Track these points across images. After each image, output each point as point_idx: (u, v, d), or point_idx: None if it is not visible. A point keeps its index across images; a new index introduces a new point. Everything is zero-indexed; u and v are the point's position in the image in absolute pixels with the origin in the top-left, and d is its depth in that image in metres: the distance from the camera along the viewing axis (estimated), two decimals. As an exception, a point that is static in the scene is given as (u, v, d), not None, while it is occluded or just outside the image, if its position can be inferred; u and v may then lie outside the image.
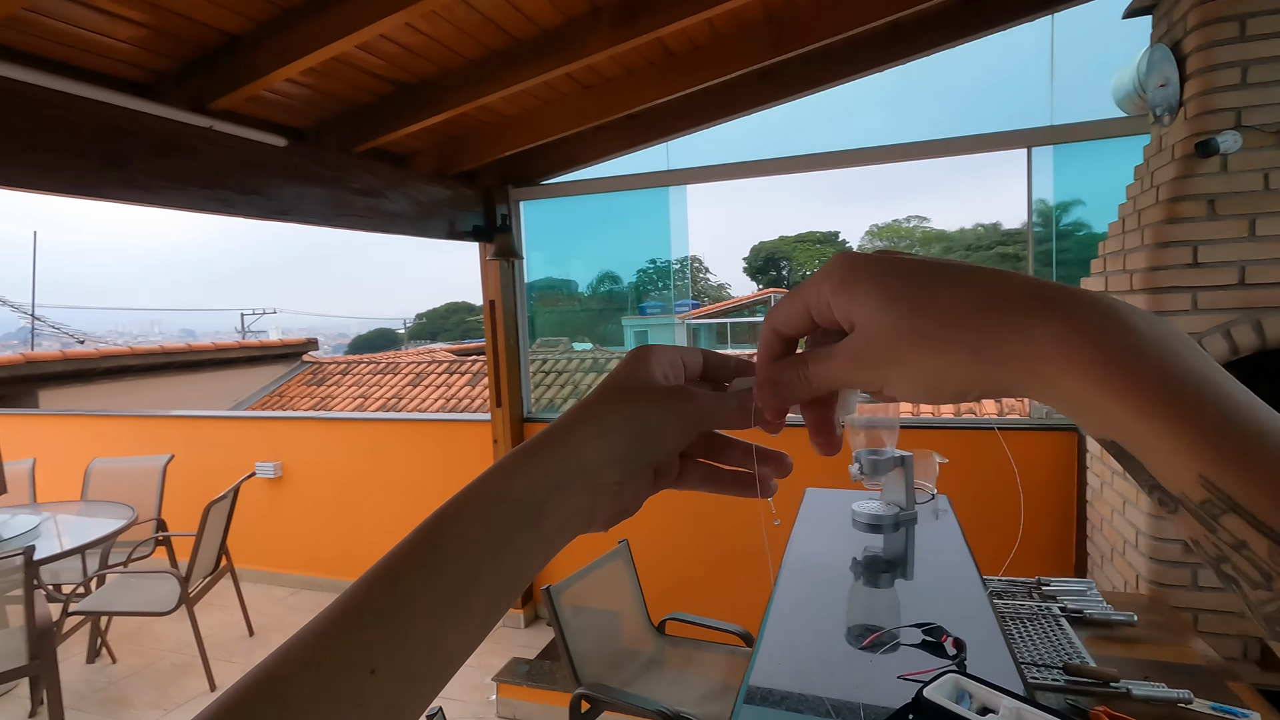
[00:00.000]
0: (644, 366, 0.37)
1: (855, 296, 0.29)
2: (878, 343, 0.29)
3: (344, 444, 4.41)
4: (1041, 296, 0.25)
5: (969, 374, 0.27)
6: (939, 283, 0.28)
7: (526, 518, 0.34)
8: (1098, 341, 0.24)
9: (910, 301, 0.28)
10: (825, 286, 0.30)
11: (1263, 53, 1.95)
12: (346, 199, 2.68)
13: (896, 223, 35.21)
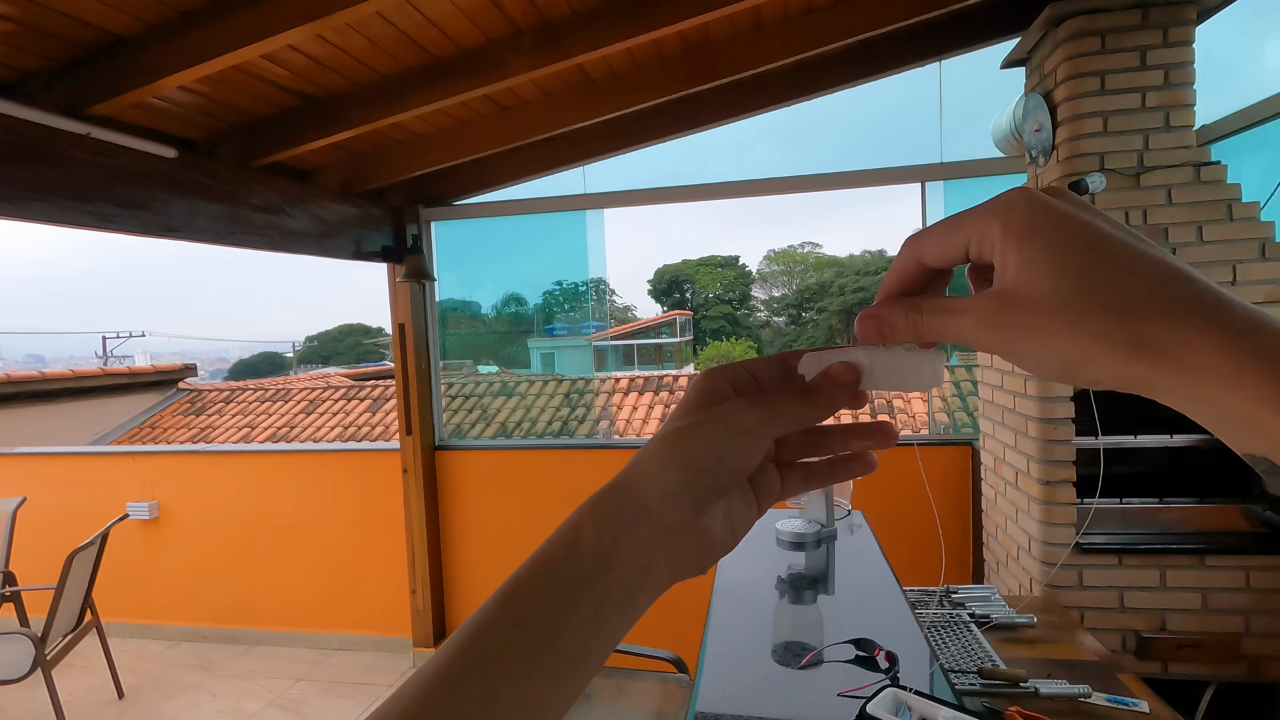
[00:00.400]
0: (699, 390, 0.36)
1: (1028, 251, 0.27)
2: (1033, 311, 0.27)
3: (229, 479, 4.06)
4: (1206, 301, 0.24)
5: (1117, 368, 0.26)
6: (1115, 263, 0.26)
7: (596, 572, 0.32)
8: (1265, 360, 0.23)
9: (1086, 279, 0.26)
10: (996, 226, 0.28)
11: (1120, 105, 2.21)
12: (244, 216, 2.50)
13: (791, 248, 36.98)
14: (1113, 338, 0.25)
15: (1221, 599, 2.13)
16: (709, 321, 33.24)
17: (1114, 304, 0.25)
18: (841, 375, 0.35)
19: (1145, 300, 0.25)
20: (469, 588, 3.77)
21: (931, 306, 0.31)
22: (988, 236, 0.28)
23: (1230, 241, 2.11)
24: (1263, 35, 2.46)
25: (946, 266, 0.31)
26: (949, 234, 0.30)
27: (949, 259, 0.30)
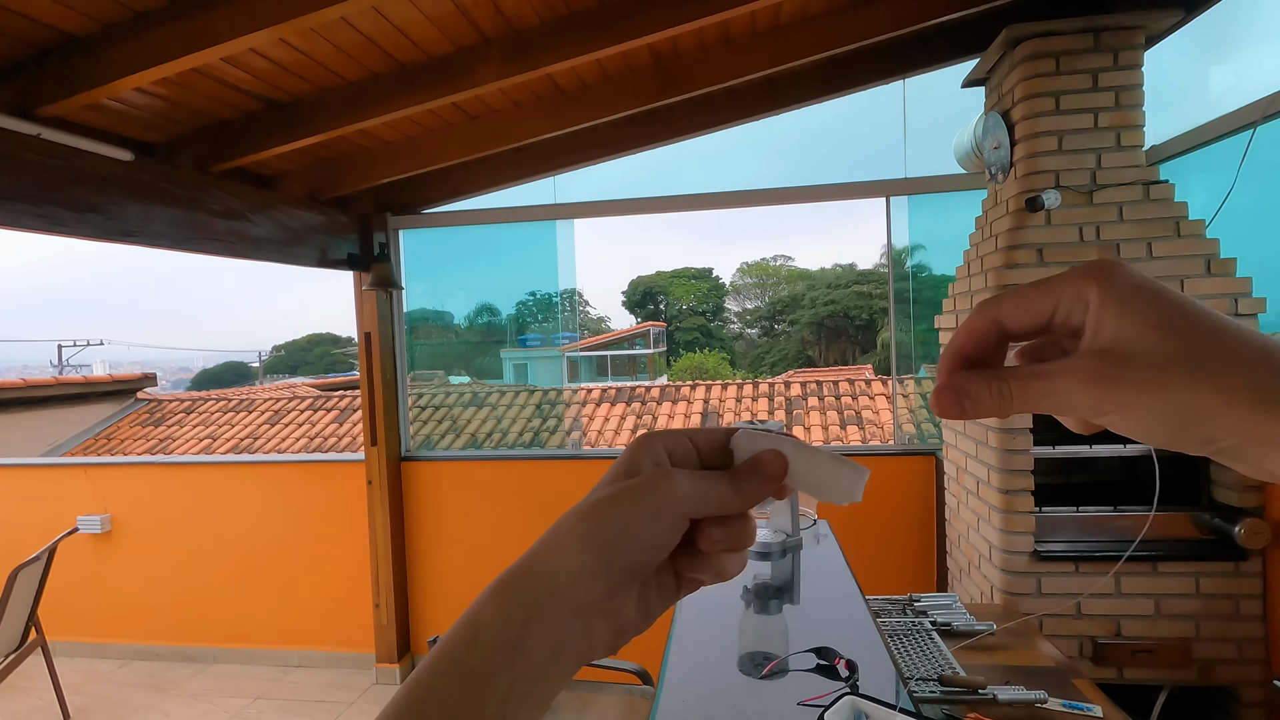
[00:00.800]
0: (632, 455, 0.34)
1: (1130, 309, 0.27)
2: (1147, 365, 0.26)
3: (187, 491, 3.95)
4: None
5: (1239, 418, 0.25)
6: (1219, 323, 0.26)
7: (500, 664, 0.30)
8: None
9: (1197, 335, 0.26)
10: (1092, 287, 0.28)
11: (1073, 125, 2.28)
12: (204, 221, 2.45)
13: (764, 261, 37.37)
14: (1234, 389, 0.25)
15: (1173, 605, 2.19)
16: (682, 333, 33.37)
17: (1230, 358, 0.25)
18: (770, 465, 0.34)
19: (1262, 356, 0.25)
20: (435, 601, 3.70)
21: (1020, 373, 0.30)
22: (1081, 298, 0.28)
23: (1178, 258, 2.18)
24: (1207, 61, 2.57)
25: (1029, 330, 0.31)
26: (1035, 296, 0.30)
27: (1034, 321, 0.30)
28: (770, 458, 0.35)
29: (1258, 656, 2.15)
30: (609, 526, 0.32)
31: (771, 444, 0.36)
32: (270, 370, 35.12)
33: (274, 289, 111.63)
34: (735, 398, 7.29)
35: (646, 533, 0.32)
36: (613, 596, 0.32)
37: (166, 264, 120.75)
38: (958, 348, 0.32)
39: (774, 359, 31.33)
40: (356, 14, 1.92)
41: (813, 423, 6.39)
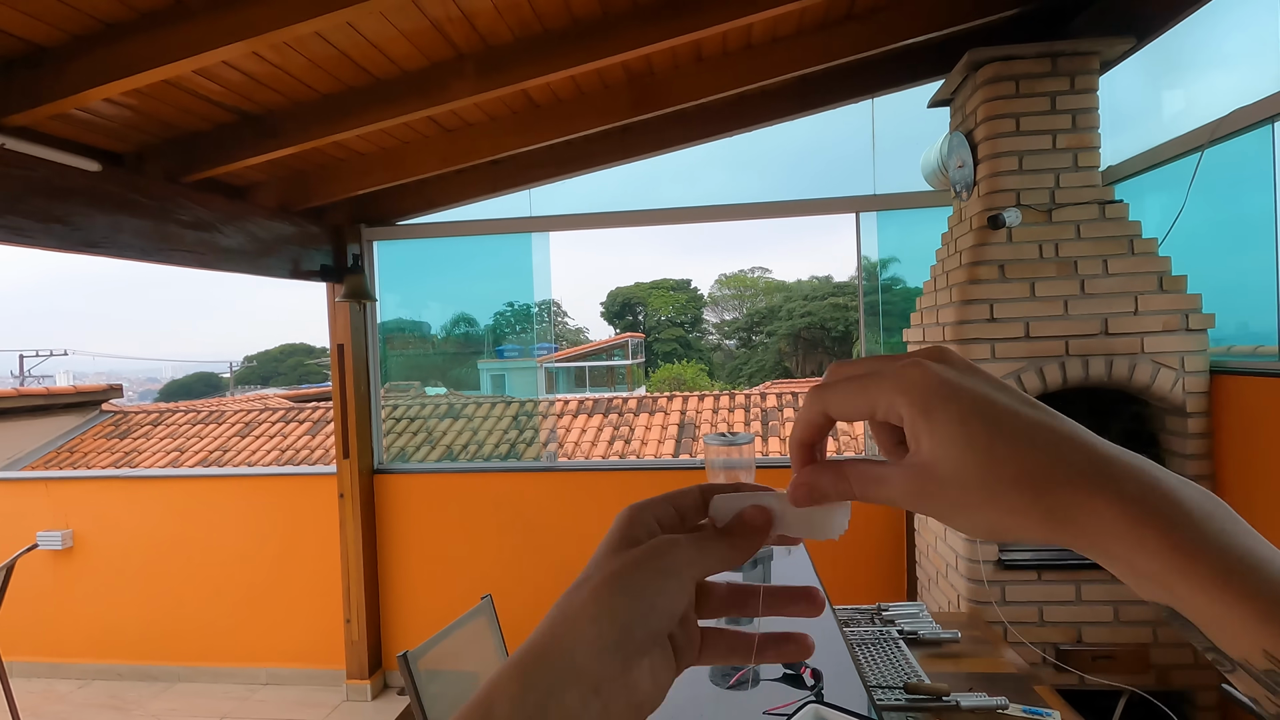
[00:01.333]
0: (626, 528, 0.35)
1: (934, 428, 0.29)
2: (952, 487, 0.29)
3: (153, 505, 3.87)
4: (1105, 469, 0.27)
5: (1035, 535, 0.28)
6: (1017, 438, 0.28)
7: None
8: (1160, 522, 0.26)
9: (994, 457, 0.28)
10: (901, 402, 0.30)
11: (1033, 145, 2.36)
12: (173, 232, 2.42)
13: (742, 273, 37.67)
14: (1027, 511, 0.28)
15: (1132, 611, 2.25)
16: (661, 344, 33.47)
17: (1022, 480, 0.28)
18: (755, 519, 0.36)
19: (1049, 473, 0.27)
20: (407, 616, 3.66)
21: (858, 475, 0.33)
22: (894, 408, 0.30)
23: (1132, 274, 2.26)
24: (1159, 86, 2.67)
25: (855, 420, 0.33)
26: (855, 397, 0.32)
27: (855, 417, 0.33)
28: (753, 514, 0.36)
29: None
30: (626, 596, 0.32)
31: (752, 500, 0.37)
32: (241, 381, 34.48)
33: (247, 299, 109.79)
34: (712, 409, 7.33)
35: (663, 598, 0.32)
36: (630, 670, 0.32)
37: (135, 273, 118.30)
38: (799, 439, 0.35)
39: (752, 370, 31.53)
40: (330, 29, 1.93)
41: (788, 433, 6.44)
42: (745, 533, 0.36)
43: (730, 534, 0.36)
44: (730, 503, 0.37)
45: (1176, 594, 0.26)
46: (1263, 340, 2.27)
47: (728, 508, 0.37)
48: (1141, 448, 2.41)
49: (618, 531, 0.35)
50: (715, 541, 0.35)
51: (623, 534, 0.35)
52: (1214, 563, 0.25)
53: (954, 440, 0.29)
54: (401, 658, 1.82)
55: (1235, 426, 2.14)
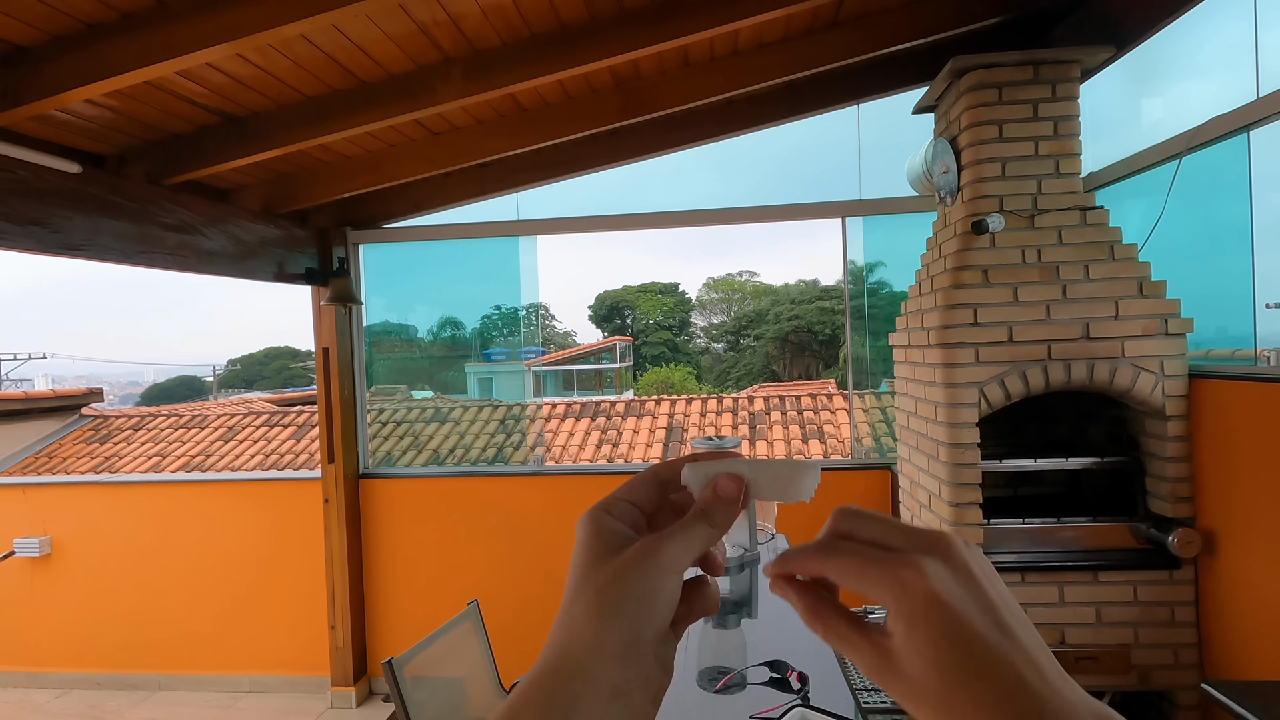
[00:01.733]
0: (597, 535, 0.36)
1: (911, 638, 0.31)
2: (909, 686, 0.31)
3: (133, 511, 3.81)
4: (1022, 708, 0.29)
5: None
6: (978, 668, 0.30)
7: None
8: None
9: (950, 679, 0.30)
10: (890, 602, 0.31)
11: (1016, 152, 2.39)
12: (155, 235, 2.40)
13: (730, 276, 37.80)
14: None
15: (1113, 613, 2.27)
16: (649, 347, 33.49)
17: (969, 708, 0.29)
18: (729, 491, 0.37)
19: (995, 707, 0.29)
20: (393, 622, 3.63)
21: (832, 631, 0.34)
22: (884, 602, 0.32)
23: (1113, 280, 2.30)
24: (1138, 94, 2.71)
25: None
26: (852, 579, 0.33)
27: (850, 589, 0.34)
28: (725, 482, 0.37)
29: (1191, 661, 2.24)
30: (629, 603, 0.33)
31: (723, 467, 0.38)
32: (225, 385, 34.10)
33: (231, 302, 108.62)
34: (700, 412, 7.34)
35: (661, 596, 0.34)
36: (643, 667, 0.33)
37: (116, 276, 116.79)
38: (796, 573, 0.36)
39: (739, 373, 31.62)
40: (315, 31, 1.92)
41: (775, 437, 6.47)
42: (721, 506, 0.37)
43: (707, 512, 0.36)
44: (702, 471, 0.38)
45: None
46: (1240, 344, 2.31)
47: (701, 476, 0.38)
48: (1123, 450, 2.44)
49: (591, 539, 0.36)
50: (696, 525, 0.36)
51: (598, 540, 0.36)
52: None
53: (924, 656, 0.30)
54: (386, 664, 1.80)
55: (1213, 429, 2.18)
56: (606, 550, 0.35)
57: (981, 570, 0.32)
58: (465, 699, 2.16)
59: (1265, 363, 2.10)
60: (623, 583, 0.34)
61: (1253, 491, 2.04)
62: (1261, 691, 1.49)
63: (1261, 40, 2.07)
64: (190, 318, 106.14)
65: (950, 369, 2.35)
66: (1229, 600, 2.14)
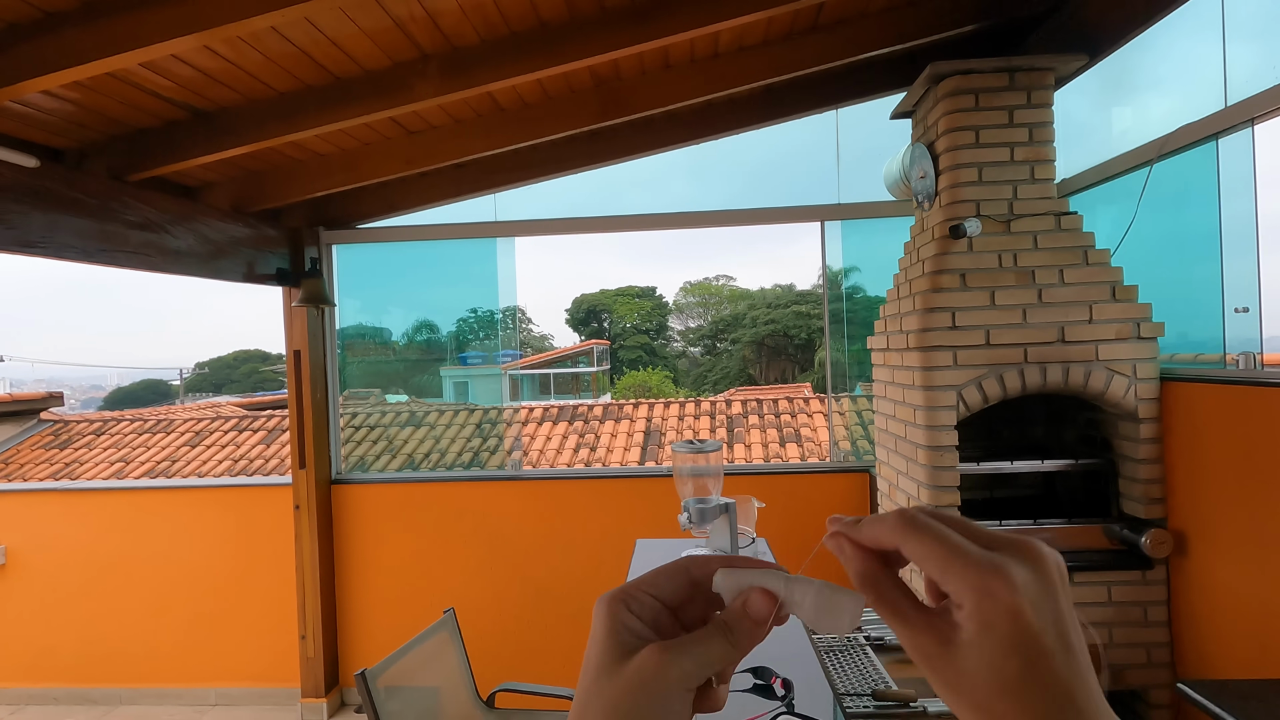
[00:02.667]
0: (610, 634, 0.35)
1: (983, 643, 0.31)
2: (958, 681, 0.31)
3: (93, 519, 3.68)
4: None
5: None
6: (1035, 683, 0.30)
7: None
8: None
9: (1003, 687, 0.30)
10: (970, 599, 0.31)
11: (992, 158, 2.41)
12: (117, 233, 2.31)
13: (707, 280, 37.94)
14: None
15: (1088, 613, 2.30)
16: (626, 351, 33.45)
17: (1016, 715, 0.30)
18: (760, 611, 0.35)
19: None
20: (367, 631, 3.55)
21: (886, 604, 0.34)
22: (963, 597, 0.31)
23: (1087, 284, 2.33)
24: (1110, 103, 2.76)
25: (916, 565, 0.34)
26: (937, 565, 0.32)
27: (923, 569, 0.33)
28: (757, 599, 0.35)
29: (1164, 660, 2.28)
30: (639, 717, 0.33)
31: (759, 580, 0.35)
32: (192, 389, 33.33)
33: (200, 304, 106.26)
34: (678, 416, 7.33)
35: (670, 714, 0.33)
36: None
37: (78, 276, 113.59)
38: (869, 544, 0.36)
39: (716, 377, 31.72)
40: (287, 24, 1.87)
41: (753, 440, 6.48)
42: (747, 625, 0.35)
43: (730, 627, 0.35)
44: (734, 580, 0.36)
45: None
46: (1203, 349, 2.36)
47: (734, 584, 0.36)
48: (1096, 452, 2.48)
49: (607, 637, 0.35)
50: (715, 640, 0.34)
51: (613, 640, 0.35)
52: None
53: (990, 662, 0.30)
54: (359, 676, 1.75)
55: (1184, 431, 2.22)
56: (621, 653, 0.34)
57: (1062, 583, 0.32)
58: (441, 709, 2.11)
59: (1235, 366, 2.14)
60: (634, 698, 0.33)
61: (1222, 493, 2.07)
62: (1236, 691, 1.51)
63: (1229, 50, 2.11)
64: (157, 320, 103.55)
65: (929, 372, 2.36)
66: (1200, 600, 2.18)
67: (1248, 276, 2.14)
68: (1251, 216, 2.12)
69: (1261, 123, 2.01)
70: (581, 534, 3.41)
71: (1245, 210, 2.14)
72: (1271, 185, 2.09)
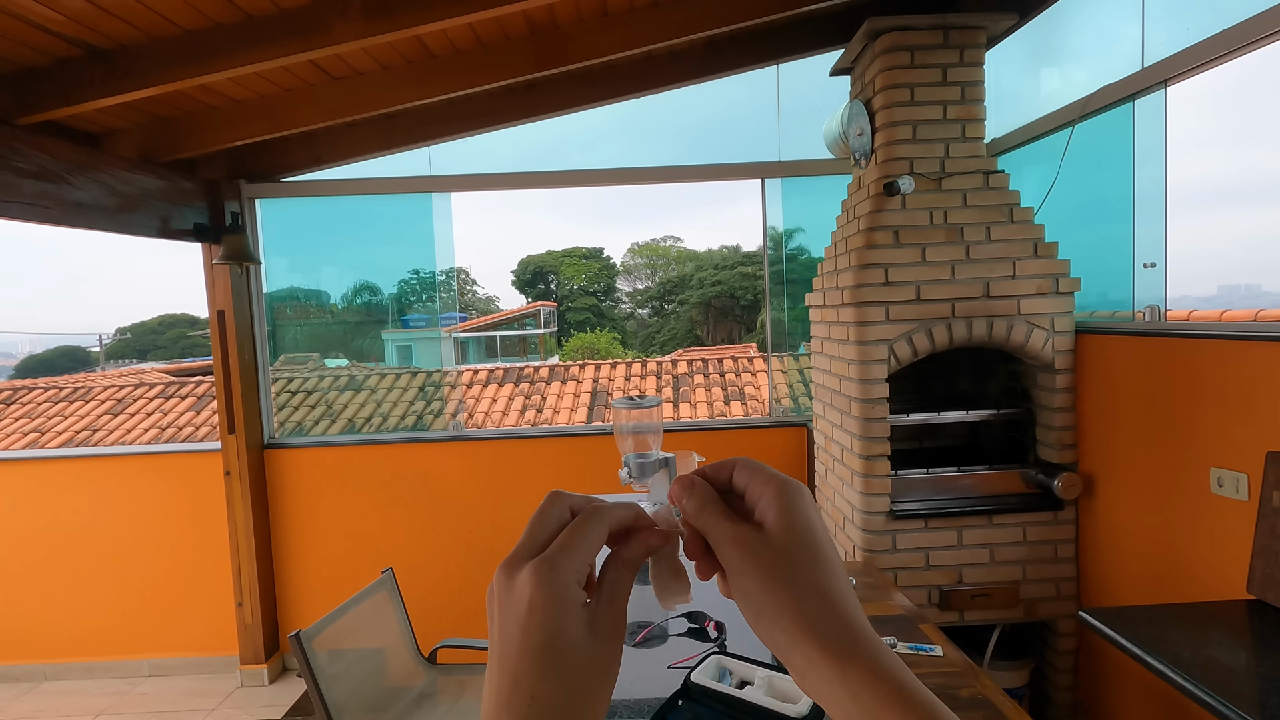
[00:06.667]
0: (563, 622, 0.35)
1: (782, 516, 0.38)
2: (743, 594, 0.37)
3: (7, 491, 3.48)
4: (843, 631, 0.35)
5: (781, 655, 0.36)
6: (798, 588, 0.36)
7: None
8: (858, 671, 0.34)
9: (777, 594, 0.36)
10: (771, 489, 0.39)
11: (926, 116, 2.45)
12: (9, 182, 2.13)
13: (654, 242, 37.78)
14: (782, 639, 0.36)
15: (1005, 552, 2.45)
16: (574, 313, 33.20)
17: (782, 618, 0.35)
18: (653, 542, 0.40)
19: (811, 624, 0.35)
20: (306, 594, 3.50)
21: (709, 519, 0.39)
22: (766, 498, 0.38)
23: (1011, 241, 2.41)
24: (1037, 66, 2.83)
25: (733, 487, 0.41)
26: (749, 471, 0.40)
27: (740, 479, 0.41)
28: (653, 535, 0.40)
29: (1070, 593, 2.45)
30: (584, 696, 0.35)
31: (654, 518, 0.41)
32: (114, 355, 31.54)
33: (120, 265, 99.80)
34: (625, 376, 7.36)
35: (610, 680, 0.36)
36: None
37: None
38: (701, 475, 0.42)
39: (664, 338, 31.88)
40: (189, -47, 1.72)
41: (699, 399, 6.57)
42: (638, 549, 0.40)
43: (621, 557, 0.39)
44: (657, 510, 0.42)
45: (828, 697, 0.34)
46: (1118, 307, 2.49)
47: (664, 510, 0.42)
48: (1017, 402, 2.60)
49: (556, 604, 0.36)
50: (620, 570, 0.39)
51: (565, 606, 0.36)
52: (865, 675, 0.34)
53: (788, 531, 0.37)
54: (294, 638, 1.73)
55: (1096, 382, 2.35)
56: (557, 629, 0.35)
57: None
58: (384, 669, 2.11)
59: (1143, 320, 2.27)
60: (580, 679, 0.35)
61: (1126, 438, 2.22)
62: (1130, 616, 1.63)
63: (1147, 14, 2.18)
64: (70, 280, 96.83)
65: (862, 327, 2.42)
66: (1104, 536, 2.34)
67: (1156, 239, 2.26)
68: (1162, 181, 2.22)
69: (1174, 84, 2.09)
70: (526, 492, 3.42)
71: (1156, 175, 2.24)
72: (1181, 152, 2.19)
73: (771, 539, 0.37)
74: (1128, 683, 2.25)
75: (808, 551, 0.37)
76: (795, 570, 0.36)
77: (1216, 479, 1.88)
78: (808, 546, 0.37)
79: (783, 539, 0.37)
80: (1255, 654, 1.51)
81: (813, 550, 0.37)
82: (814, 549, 0.37)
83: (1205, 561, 1.95)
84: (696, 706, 1.13)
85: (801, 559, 0.36)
